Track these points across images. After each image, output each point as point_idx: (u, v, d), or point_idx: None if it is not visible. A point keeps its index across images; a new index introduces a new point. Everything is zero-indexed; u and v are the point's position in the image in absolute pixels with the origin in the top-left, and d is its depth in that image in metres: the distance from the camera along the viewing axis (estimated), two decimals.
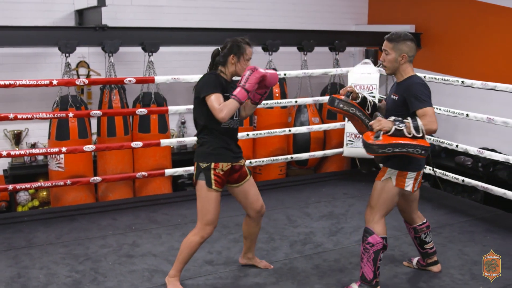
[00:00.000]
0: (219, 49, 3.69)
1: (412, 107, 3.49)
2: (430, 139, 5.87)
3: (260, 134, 6.07)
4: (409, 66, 3.62)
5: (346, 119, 6.56)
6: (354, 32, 8.29)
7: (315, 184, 6.49)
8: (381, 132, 3.39)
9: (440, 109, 5.55)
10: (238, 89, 3.45)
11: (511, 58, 6.72)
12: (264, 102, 6.08)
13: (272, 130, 6.18)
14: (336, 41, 7.27)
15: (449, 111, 5.46)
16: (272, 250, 4.49)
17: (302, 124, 7.04)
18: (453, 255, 4.46)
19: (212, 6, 7.58)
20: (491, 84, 5.08)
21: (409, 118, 3.44)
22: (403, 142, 3.36)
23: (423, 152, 3.37)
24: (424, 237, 4.02)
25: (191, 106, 5.64)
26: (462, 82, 5.38)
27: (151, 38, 6.26)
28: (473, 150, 5.33)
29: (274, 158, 6.23)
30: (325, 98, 6.35)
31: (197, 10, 7.47)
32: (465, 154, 6.65)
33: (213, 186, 3.60)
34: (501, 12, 6.80)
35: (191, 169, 5.73)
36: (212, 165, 3.60)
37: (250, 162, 6.04)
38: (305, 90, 7.43)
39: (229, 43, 3.65)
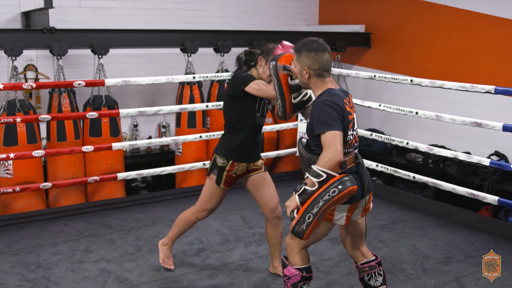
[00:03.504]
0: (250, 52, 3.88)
1: (315, 131, 2.92)
2: (381, 137, 5.96)
3: (213, 135, 6.04)
4: (319, 82, 3.01)
5: (299, 118, 6.61)
6: (305, 33, 8.33)
7: None
8: (294, 211, 2.88)
9: (390, 107, 5.65)
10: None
11: (457, 57, 6.89)
12: (216, 103, 6.07)
13: None
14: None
15: (399, 109, 5.56)
16: (227, 252, 4.48)
17: None
18: (405, 251, 4.54)
19: (163, 8, 7.51)
20: (438, 82, 5.20)
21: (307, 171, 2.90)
22: (313, 199, 2.81)
23: (340, 187, 2.78)
24: (367, 279, 3.27)
25: (143, 109, 5.67)
26: (411, 80, 5.48)
27: (100, 40, 6.17)
28: (423, 147, 5.44)
29: None
30: None
31: (147, 11, 7.40)
32: (416, 151, 6.78)
33: (221, 185, 3.79)
34: (448, 12, 6.97)
35: (144, 172, 5.68)
36: (228, 166, 3.73)
37: (204, 164, 6.01)
38: None
39: (266, 46, 3.81)
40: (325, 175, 2.82)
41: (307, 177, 2.86)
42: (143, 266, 4.20)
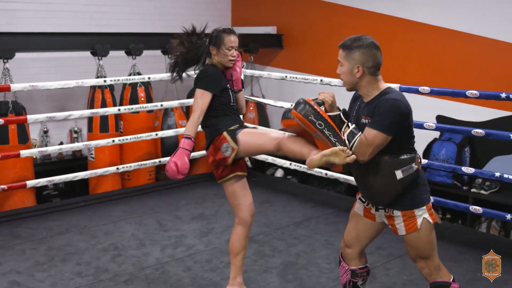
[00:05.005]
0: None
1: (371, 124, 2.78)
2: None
3: (127, 139, 5.96)
4: (372, 80, 2.87)
5: None
6: None
7: (185, 186, 6.49)
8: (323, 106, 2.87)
9: None
10: (186, 142, 3.52)
11: None
12: (129, 106, 6.02)
13: (139, 135, 6.10)
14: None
15: None
16: (143, 256, 4.44)
17: (169, 128, 7.01)
18: (319, 246, 4.66)
19: (71, 10, 7.32)
20: None
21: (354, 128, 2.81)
22: (334, 127, 2.79)
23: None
24: (361, 283, 3.21)
25: (53, 114, 5.53)
26: (321, 80, 5.63)
27: (5, 44, 5.94)
28: None
29: (142, 163, 6.16)
30: (191, 101, 6.36)
31: (55, 14, 7.18)
32: None
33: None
34: (355, 14, 7.20)
35: (55, 179, 5.52)
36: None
37: (118, 168, 5.92)
38: (171, 94, 7.41)
39: (211, 34, 3.54)
40: (349, 145, 2.76)
41: (351, 126, 2.81)
42: (56, 276, 4.09)
